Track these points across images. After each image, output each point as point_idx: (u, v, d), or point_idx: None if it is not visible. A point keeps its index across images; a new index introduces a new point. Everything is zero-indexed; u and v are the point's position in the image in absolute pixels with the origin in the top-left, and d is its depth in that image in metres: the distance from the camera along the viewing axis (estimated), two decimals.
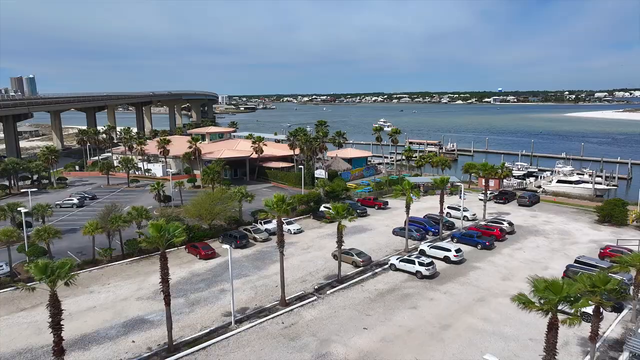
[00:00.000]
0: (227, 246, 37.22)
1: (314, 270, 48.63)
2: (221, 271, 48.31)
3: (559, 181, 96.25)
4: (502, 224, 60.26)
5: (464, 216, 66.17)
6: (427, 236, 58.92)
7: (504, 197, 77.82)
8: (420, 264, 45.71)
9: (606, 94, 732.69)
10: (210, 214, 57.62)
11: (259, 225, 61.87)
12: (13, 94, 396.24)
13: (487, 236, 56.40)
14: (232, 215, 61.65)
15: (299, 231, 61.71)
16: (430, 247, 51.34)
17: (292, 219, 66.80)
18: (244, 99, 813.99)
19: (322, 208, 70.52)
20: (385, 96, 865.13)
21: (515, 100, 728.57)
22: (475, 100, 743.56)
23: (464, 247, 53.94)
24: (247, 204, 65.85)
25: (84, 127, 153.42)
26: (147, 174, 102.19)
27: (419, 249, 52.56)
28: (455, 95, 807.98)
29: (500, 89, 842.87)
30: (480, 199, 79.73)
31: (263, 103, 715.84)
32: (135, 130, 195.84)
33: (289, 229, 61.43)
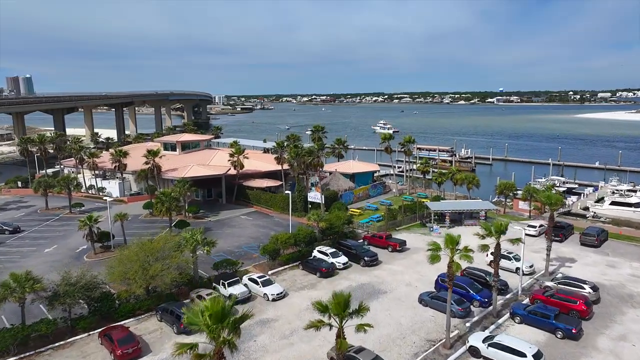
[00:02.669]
0: None
1: None
2: None
3: (612, 202, 76.80)
4: (583, 287, 40.56)
5: (517, 268, 46.76)
6: (472, 307, 39.20)
7: (560, 232, 57.90)
8: None
9: (609, 94, 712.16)
10: (144, 276, 37.94)
11: (220, 289, 42.10)
12: (6, 94, 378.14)
13: (565, 312, 36.81)
14: (182, 273, 41.94)
15: (281, 296, 41.99)
16: (489, 345, 31.60)
17: (271, 275, 47.14)
18: (243, 99, 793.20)
19: (315, 252, 50.90)
20: (386, 96, 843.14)
21: (519, 100, 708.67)
22: (478, 101, 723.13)
23: (534, 333, 34.50)
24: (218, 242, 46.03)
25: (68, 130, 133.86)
26: (101, 193, 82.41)
27: (467, 345, 32.85)
28: (457, 96, 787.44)
29: (501, 89, 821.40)
30: (528, 234, 60.06)
31: (261, 103, 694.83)
32: (110, 134, 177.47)
33: (265, 294, 41.79)
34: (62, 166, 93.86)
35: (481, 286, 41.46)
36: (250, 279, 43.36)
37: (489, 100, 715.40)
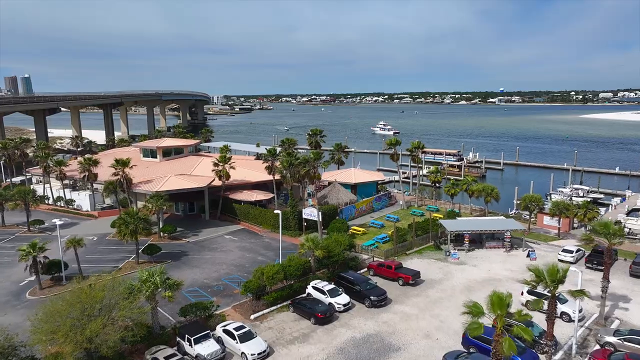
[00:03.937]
0: None
1: None
2: None
3: None
4: None
5: (562, 313, 37.43)
6: None
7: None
8: None
9: (611, 94, 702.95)
10: (80, 336, 28.33)
11: (186, 346, 32.53)
12: (3, 94, 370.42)
13: None
14: (136, 325, 32.41)
15: (263, 356, 32.40)
16: None
17: (254, 319, 37.60)
18: (242, 99, 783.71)
19: (310, 289, 41.37)
20: (386, 96, 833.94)
21: (520, 100, 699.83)
22: (480, 101, 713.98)
23: None
24: (189, 276, 36.23)
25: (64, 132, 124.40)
26: (69, 207, 72.92)
27: None
28: (457, 96, 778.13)
29: (502, 89, 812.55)
30: (561, 260, 50.50)
31: (260, 103, 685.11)
32: (100, 135, 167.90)
33: (242, 353, 32.23)
34: (29, 175, 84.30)
35: (527, 346, 31.89)
36: (225, 331, 33.86)
37: (491, 100, 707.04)
